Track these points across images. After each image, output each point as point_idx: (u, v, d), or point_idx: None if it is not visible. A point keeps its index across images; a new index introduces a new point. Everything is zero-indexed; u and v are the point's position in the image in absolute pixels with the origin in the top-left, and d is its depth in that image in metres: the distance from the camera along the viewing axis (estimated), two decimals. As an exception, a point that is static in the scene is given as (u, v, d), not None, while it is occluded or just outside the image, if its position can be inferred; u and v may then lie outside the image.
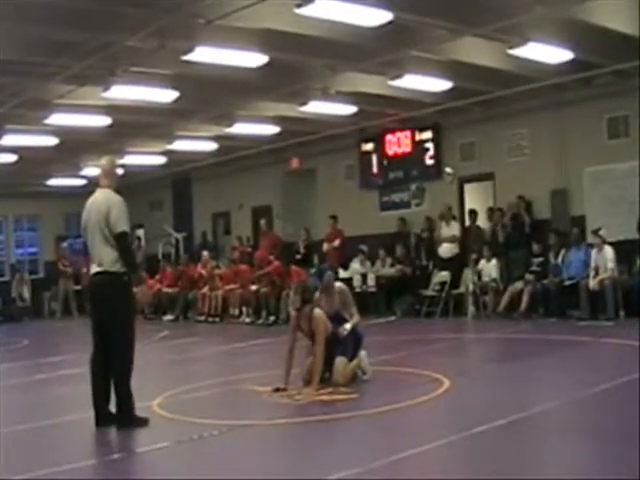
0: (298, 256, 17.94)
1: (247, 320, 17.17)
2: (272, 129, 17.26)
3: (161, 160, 20.60)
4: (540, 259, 14.36)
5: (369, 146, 18.38)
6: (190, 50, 10.68)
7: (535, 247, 14.49)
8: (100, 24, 9.73)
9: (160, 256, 22.82)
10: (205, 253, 20.04)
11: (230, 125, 16.50)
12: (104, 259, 6.85)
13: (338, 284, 9.35)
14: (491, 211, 15.89)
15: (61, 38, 10.42)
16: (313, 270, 16.67)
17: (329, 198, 19.23)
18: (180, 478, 5.48)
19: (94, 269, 6.97)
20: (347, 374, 8.33)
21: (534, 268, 14.33)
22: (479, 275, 15.08)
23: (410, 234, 17.44)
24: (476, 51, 12.05)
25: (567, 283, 13.60)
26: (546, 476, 5.10)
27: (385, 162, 18.04)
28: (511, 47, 11.45)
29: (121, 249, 6.85)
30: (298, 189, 20.78)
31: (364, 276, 16.80)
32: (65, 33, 10.12)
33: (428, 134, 17.19)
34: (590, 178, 14.47)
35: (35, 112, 14.14)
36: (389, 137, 17.89)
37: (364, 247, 17.29)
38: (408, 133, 17.52)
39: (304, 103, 14.68)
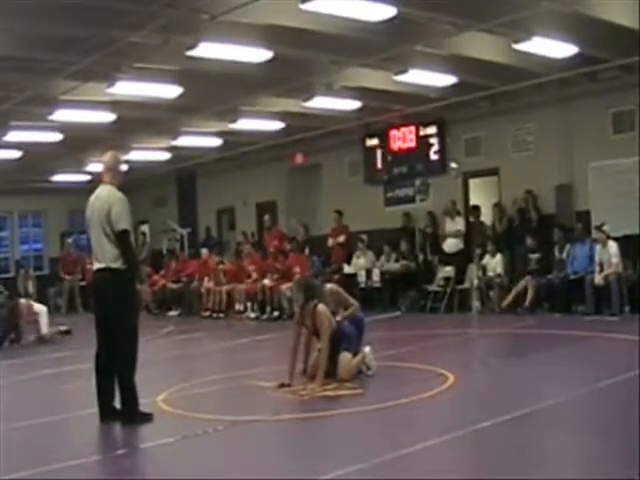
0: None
1: (252, 315, 17.17)
2: (277, 125, 17.25)
3: (166, 156, 20.61)
4: (537, 255, 14.32)
5: (374, 141, 18.36)
6: (194, 46, 10.67)
7: (530, 242, 14.42)
8: (104, 20, 9.74)
9: (165, 251, 22.87)
10: (204, 251, 20.07)
11: (234, 121, 16.49)
12: (106, 256, 6.87)
13: (328, 285, 9.37)
14: (495, 206, 15.86)
15: (65, 34, 10.43)
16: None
17: (334, 193, 19.21)
18: (185, 473, 5.48)
19: (96, 265, 7.00)
20: (352, 369, 8.33)
21: (532, 267, 14.26)
22: (484, 270, 15.06)
23: (415, 229, 17.44)
24: (481, 46, 12.02)
25: (572, 278, 13.58)
26: (550, 472, 5.09)
27: (390, 157, 18.02)
28: (516, 42, 11.43)
29: (122, 247, 6.86)
30: (303, 185, 20.76)
31: (369, 271, 16.80)
32: (69, 29, 10.12)
33: (433, 129, 17.18)
34: (595, 173, 14.43)
35: (40, 108, 14.16)
36: (394, 132, 17.86)
37: (364, 236, 17.28)
38: (413, 128, 17.50)
39: (308, 98, 14.67)
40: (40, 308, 14.56)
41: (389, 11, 9.65)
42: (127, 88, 12.70)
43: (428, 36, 11.33)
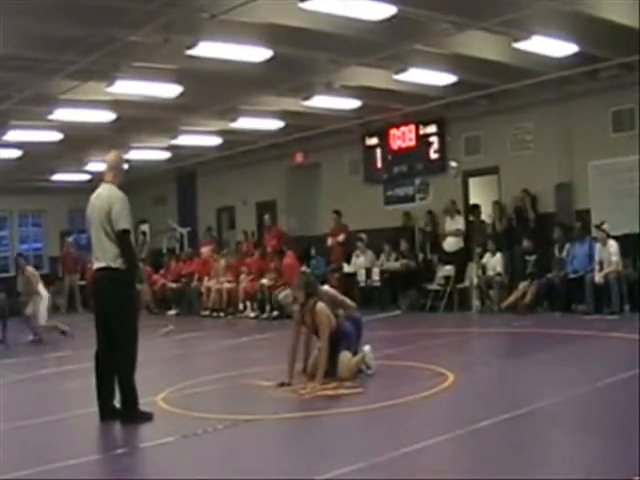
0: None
1: (251, 314, 17.18)
2: (276, 124, 17.25)
3: (165, 155, 20.61)
4: (534, 257, 14.30)
5: (373, 140, 18.36)
6: (194, 45, 10.67)
7: (526, 244, 14.39)
8: (104, 19, 9.73)
9: (165, 251, 22.87)
10: (204, 249, 20.10)
11: (234, 120, 16.49)
12: (106, 255, 6.87)
13: (324, 288, 9.35)
14: (495, 204, 15.85)
15: (65, 33, 10.42)
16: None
17: (333, 192, 19.20)
18: (184, 473, 5.48)
19: (97, 264, 7.00)
20: (351, 368, 8.33)
21: (530, 269, 14.23)
22: (484, 269, 15.05)
23: (415, 228, 17.44)
24: (481, 45, 12.02)
25: (571, 277, 13.57)
26: (549, 472, 5.09)
27: (389, 156, 18.01)
28: (516, 40, 11.42)
29: (122, 246, 6.86)
30: (302, 184, 20.76)
31: (368, 270, 16.80)
32: (69, 28, 10.12)
33: (432, 128, 17.17)
34: (595, 172, 14.42)
35: (39, 107, 14.15)
36: (393, 131, 17.85)
37: (363, 235, 17.29)
38: (412, 127, 17.49)
39: (308, 97, 14.67)
40: (44, 293, 14.54)
41: (389, 10, 9.65)
42: (127, 87, 12.70)
43: (428, 35, 11.32)
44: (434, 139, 17.15)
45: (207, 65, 11.83)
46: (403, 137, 17.70)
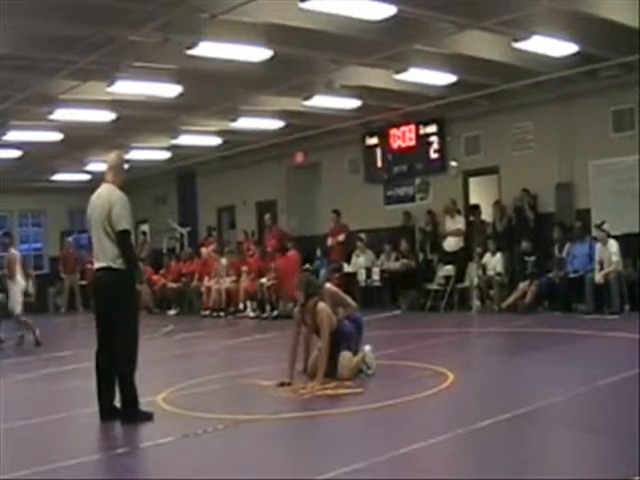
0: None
1: (251, 314, 17.19)
2: (276, 123, 17.26)
3: (166, 155, 20.62)
4: (533, 258, 14.30)
5: (373, 140, 18.36)
6: (194, 45, 10.68)
7: (525, 245, 14.40)
8: (104, 19, 9.74)
9: (165, 251, 22.88)
10: (203, 250, 20.13)
11: (234, 119, 16.50)
12: (107, 255, 6.87)
13: (326, 286, 9.34)
14: (496, 204, 15.86)
15: (66, 33, 10.41)
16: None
17: (333, 192, 19.20)
18: (185, 473, 5.48)
19: (97, 264, 7.00)
20: (352, 368, 8.33)
21: (530, 270, 14.23)
22: (484, 269, 15.06)
23: (415, 228, 17.44)
24: (481, 44, 12.03)
25: (572, 276, 13.58)
26: (550, 471, 5.09)
27: (389, 156, 18.02)
28: (516, 40, 11.43)
29: (122, 247, 6.86)
30: (302, 183, 20.76)
31: (368, 270, 16.81)
32: (70, 28, 10.11)
33: (432, 128, 17.17)
34: (595, 171, 14.43)
35: (40, 107, 14.16)
36: (393, 131, 17.86)
37: (363, 235, 17.30)
38: (412, 127, 17.49)
39: (308, 97, 14.68)
40: (20, 280, 13.66)
41: (389, 10, 9.66)
42: (127, 87, 12.71)
43: (428, 35, 11.33)
44: (434, 139, 17.15)
45: (207, 65, 11.84)
46: (403, 137, 17.71)
